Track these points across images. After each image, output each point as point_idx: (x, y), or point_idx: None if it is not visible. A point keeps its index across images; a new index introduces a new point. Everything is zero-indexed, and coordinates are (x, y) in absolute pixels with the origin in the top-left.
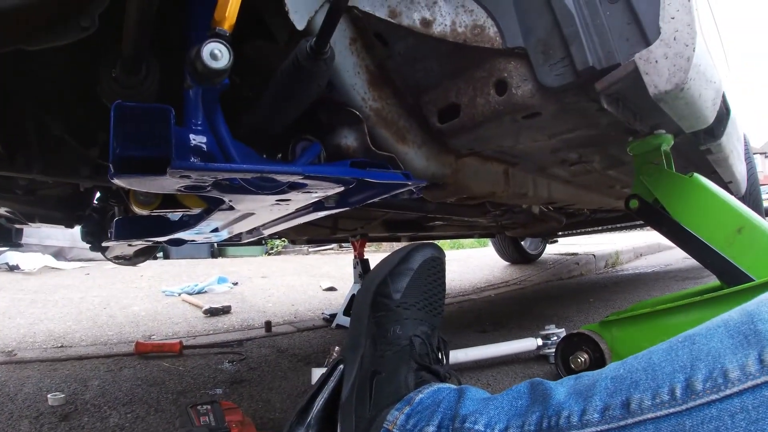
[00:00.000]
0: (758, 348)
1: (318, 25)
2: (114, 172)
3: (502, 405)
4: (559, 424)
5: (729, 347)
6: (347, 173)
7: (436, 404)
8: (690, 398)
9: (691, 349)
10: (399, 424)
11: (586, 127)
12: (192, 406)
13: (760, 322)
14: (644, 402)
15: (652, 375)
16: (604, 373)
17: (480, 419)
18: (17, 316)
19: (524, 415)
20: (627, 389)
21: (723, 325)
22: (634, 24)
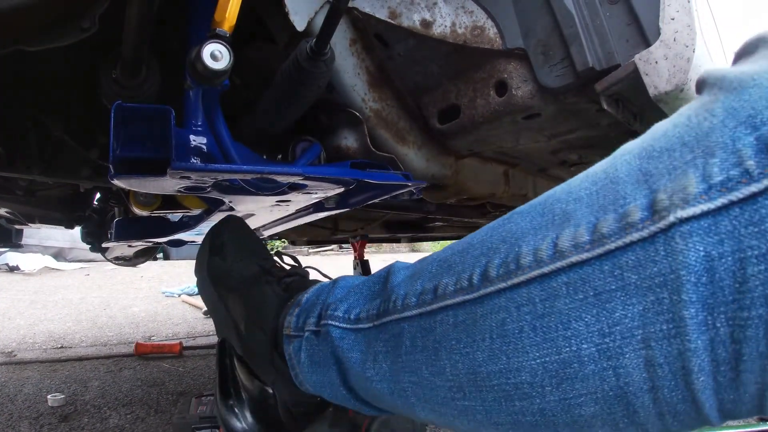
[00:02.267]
0: (558, 230)
1: (318, 26)
2: (114, 172)
3: (362, 291)
4: (389, 308)
5: (533, 228)
6: (347, 174)
7: (317, 297)
8: (483, 285)
9: (504, 229)
10: (292, 326)
11: (586, 128)
12: (197, 396)
13: (573, 202)
14: (448, 287)
15: (462, 258)
16: (435, 255)
17: (341, 306)
18: (17, 316)
19: (372, 299)
20: (441, 273)
21: (542, 201)
22: (634, 25)
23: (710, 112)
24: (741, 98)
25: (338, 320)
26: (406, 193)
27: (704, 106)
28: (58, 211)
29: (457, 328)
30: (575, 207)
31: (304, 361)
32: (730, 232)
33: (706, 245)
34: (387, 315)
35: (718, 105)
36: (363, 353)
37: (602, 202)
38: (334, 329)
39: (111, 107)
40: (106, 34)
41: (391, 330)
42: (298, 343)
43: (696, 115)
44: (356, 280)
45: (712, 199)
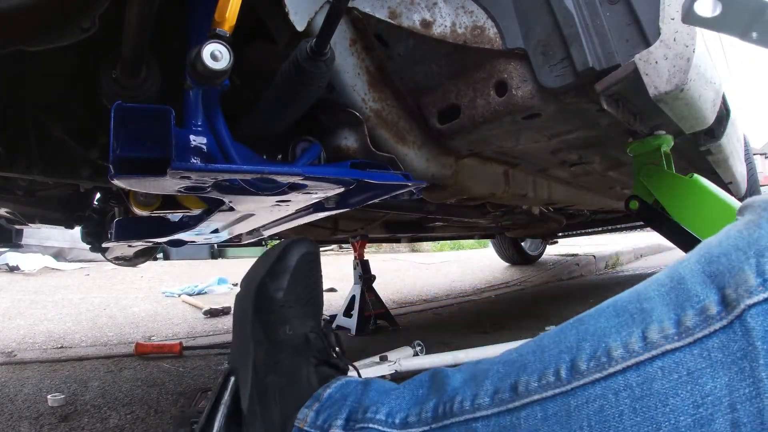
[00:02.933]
0: (642, 326)
1: (318, 27)
2: (114, 172)
3: (404, 395)
4: (453, 409)
5: (614, 326)
6: (347, 174)
7: (344, 398)
8: (574, 378)
9: (578, 330)
10: (309, 421)
11: (586, 128)
12: (204, 390)
13: (645, 301)
14: (531, 384)
15: (539, 357)
16: (498, 358)
17: (382, 409)
18: (17, 317)
19: (422, 403)
20: (516, 372)
21: (612, 304)
22: (634, 25)
23: (758, 225)
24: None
25: (380, 423)
26: (406, 193)
27: (752, 221)
28: (58, 211)
29: (547, 421)
30: (651, 306)
31: None
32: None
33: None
34: (450, 417)
35: (764, 221)
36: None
37: (677, 301)
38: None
39: (111, 107)
40: (106, 34)
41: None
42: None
43: (746, 228)
44: (390, 384)
45: (766, 289)
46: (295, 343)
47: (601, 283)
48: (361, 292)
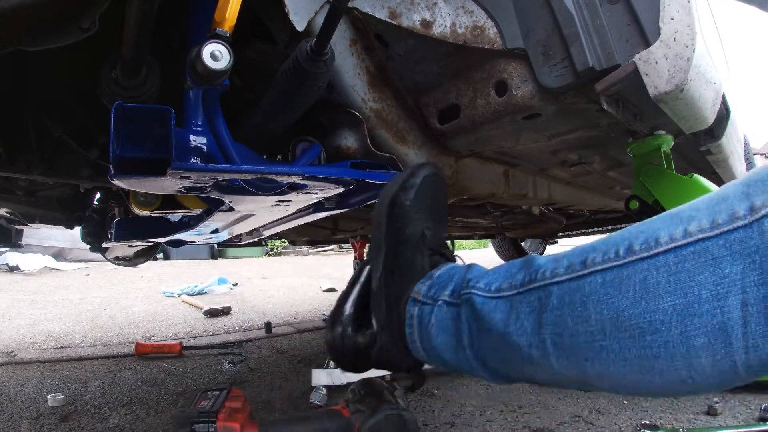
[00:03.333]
0: (686, 223)
1: (318, 27)
2: (114, 172)
3: (499, 271)
4: (536, 277)
5: (667, 224)
6: (347, 174)
7: (450, 276)
8: (628, 255)
9: (639, 226)
10: (422, 294)
11: (586, 128)
12: (204, 391)
13: (694, 210)
14: (596, 259)
15: (605, 242)
16: (571, 248)
17: (481, 280)
18: (17, 317)
19: (513, 276)
20: (586, 252)
21: (670, 212)
22: (634, 25)
23: None
24: None
25: (480, 290)
26: None
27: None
28: (58, 211)
29: (605, 285)
30: (697, 212)
31: (431, 323)
32: None
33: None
34: (533, 283)
35: None
36: (505, 314)
37: (716, 208)
38: (476, 297)
39: (111, 107)
40: (106, 34)
41: (537, 294)
42: (428, 309)
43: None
44: (487, 268)
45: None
46: (414, 240)
47: None
48: None
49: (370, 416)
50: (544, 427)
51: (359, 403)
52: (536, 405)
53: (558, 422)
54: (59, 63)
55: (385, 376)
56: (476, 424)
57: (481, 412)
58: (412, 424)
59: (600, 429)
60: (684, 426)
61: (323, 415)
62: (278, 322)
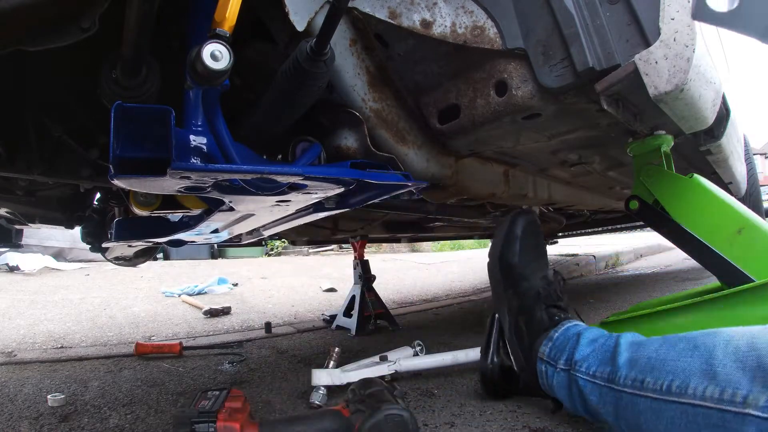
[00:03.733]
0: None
1: (318, 27)
2: (114, 172)
3: (597, 355)
4: (614, 379)
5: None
6: (347, 174)
7: (565, 342)
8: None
9: (676, 364)
10: (546, 355)
11: (586, 128)
12: (204, 391)
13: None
14: (648, 383)
15: (660, 366)
16: (645, 350)
17: (584, 364)
18: (17, 317)
19: (604, 366)
20: (642, 370)
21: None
22: (634, 25)
23: None
24: None
25: (582, 374)
26: (406, 193)
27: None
28: (58, 211)
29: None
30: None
31: (557, 382)
32: None
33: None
34: (612, 383)
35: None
36: (597, 397)
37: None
38: (581, 379)
39: (111, 107)
40: (106, 34)
41: (614, 394)
42: (551, 371)
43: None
44: (593, 336)
45: None
46: (532, 293)
47: (601, 282)
48: (361, 292)
49: (370, 416)
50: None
51: (359, 403)
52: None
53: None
54: (59, 63)
55: (385, 376)
56: (476, 424)
57: (481, 412)
58: (412, 424)
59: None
60: None
61: (323, 415)
62: (278, 322)
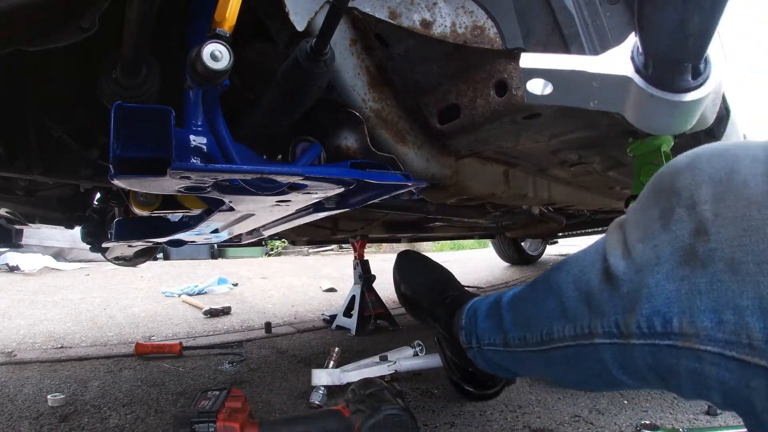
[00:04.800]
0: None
1: (318, 27)
2: (114, 172)
3: (490, 325)
4: (507, 342)
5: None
6: (347, 174)
7: (470, 323)
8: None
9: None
10: (465, 342)
11: (586, 128)
12: (204, 391)
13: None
14: (529, 338)
15: (533, 318)
16: (521, 305)
17: (484, 337)
18: (17, 317)
19: (495, 335)
20: (522, 326)
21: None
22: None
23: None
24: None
25: (487, 347)
26: (406, 193)
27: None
28: (58, 211)
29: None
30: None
31: (480, 360)
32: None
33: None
34: (508, 347)
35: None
36: (507, 362)
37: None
38: (489, 351)
39: (111, 107)
40: (106, 34)
41: (513, 356)
42: (472, 353)
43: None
44: (486, 307)
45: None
46: (425, 305)
47: None
48: (361, 292)
49: (370, 416)
50: (544, 427)
51: (359, 403)
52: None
53: (558, 422)
54: (59, 63)
55: (385, 376)
56: (476, 424)
57: (481, 412)
58: (412, 424)
59: (600, 429)
60: (684, 426)
61: (323, 415)
62: (278, 322)
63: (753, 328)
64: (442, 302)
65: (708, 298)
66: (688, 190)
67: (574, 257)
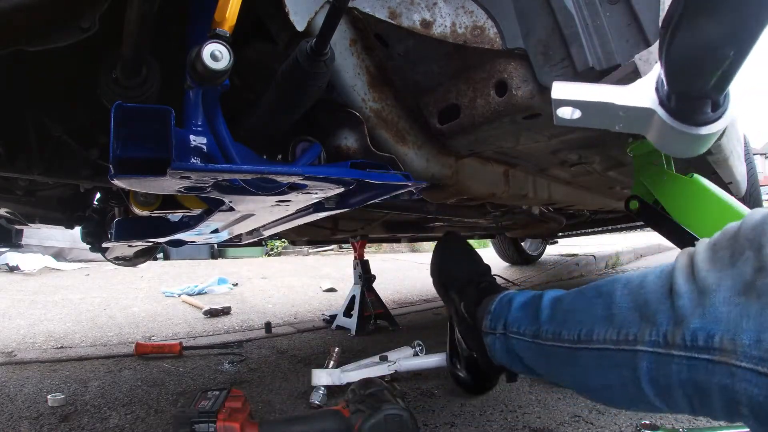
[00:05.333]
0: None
1: (318, 27)
2: (114, 172)
3: (527, 316)
4: (539, 334)
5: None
6: (347, 174)
7: (501, 310)
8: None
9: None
10: (488, 327)
11: (586, 128)
12: (204, 391)
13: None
14: (563, 334)
15: (572, 317)
16: (563, 304)
17: (514, 325)
18: (17, 317)
19: (531, 325)
20: (559, 323)
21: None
22: (634, 25)
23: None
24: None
25: (515, 334)
26: (406, 193)
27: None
28: (58, 211)
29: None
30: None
31: (498, 348)
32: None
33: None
34: (538, 339)
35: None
36: (529, 353)
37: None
38: (514, 339)
39: (111, 107)
40: (106, 34)
41: (539, 348)
42: (492, 338)
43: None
44: (524, 299)
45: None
46: (462, 282)
47: None
48: (361, 292)
49: (370, 416)
50: (544, 427)
51: (359, 403)
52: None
53: (558, 422)
54: (59, 63)
55: (385, 376)
56: (476, 424)
57: (481, 412)
58: (412, 424)
59: (600, 429)
60: (684, 426)
61: (323, 415)
62: (278, 322)
63: None
64: (477, 284)
65: (754, 322)
66: (759, 237)
67: (634, 275)
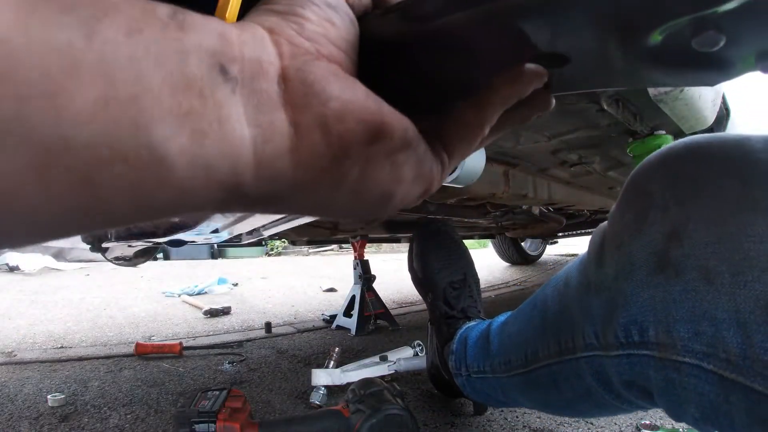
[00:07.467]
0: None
1: None
2: None
3: (479, 352)
4: (494, 368)
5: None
6: None
7: (460, 350)
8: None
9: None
10: (453, 368)
11: (587, 128)
12: (204, 391)
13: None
14: (513, 362)
15: (516, 339)
16: (508, 327)
17: (474, 365)
18: (17, 316)
19: (483, 362)
20: (507, 350)
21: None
22: None
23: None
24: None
25: (476, 374)
26: None
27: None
28: None
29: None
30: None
31: (468, 388)
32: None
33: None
34: (495, 374)
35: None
36: (493, 390)
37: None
38: (477, 380)
39: None
40: None
41: (498, 382)
42: (461, 380)
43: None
44: (476, 335)
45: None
46: (438, 311)
47: None
48: (361, 292)
49: (370, 416)
50: (544, 427)
51: (359, 403)
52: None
53: (558, 422)
54: None
55: (385, 376)
56: (476, 424)
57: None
58: (412, 424)
59: (600, 429)
60: (684, 426)
61: (323, 415)
62: (278, 322)
63: (730, 343)
64: (446, 318)
65: (683, 308)
66: (660, 190)
67: (563, 270)
